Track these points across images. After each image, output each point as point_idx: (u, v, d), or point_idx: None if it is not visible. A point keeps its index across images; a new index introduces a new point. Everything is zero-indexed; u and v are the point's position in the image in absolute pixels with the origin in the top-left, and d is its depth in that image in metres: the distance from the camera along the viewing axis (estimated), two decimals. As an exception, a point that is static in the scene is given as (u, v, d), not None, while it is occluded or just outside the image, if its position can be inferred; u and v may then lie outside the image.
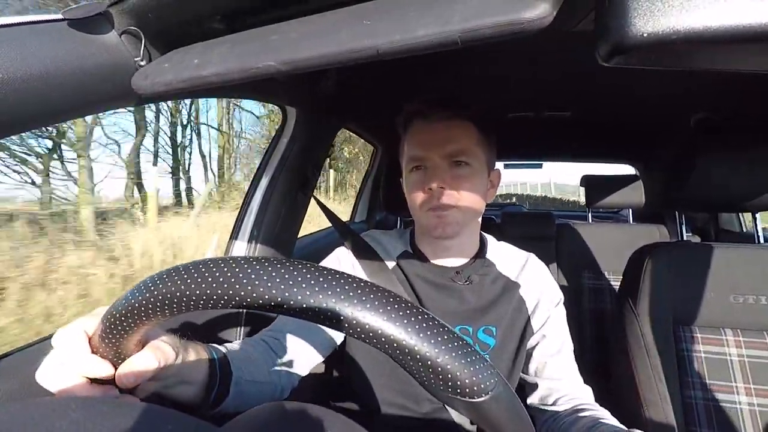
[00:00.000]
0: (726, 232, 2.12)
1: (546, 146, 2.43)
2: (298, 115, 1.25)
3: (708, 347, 1.00)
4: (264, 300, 0.30)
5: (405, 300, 0.32)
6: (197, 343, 0.59)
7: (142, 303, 0.33)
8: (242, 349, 0.70)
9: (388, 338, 0.30)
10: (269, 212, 1.25)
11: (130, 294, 0.34)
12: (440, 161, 0.81)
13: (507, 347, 0.85)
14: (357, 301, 0.30)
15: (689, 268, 1.05)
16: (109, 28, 0.60)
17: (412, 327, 0.30)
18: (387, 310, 0.30)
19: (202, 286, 0.31)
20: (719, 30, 0.29)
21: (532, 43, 0.91)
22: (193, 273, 0.32)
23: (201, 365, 0.57)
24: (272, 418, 0.35)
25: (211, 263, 0.32)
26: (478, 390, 0.31)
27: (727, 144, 0.99)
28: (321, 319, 0.30)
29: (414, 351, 0.30)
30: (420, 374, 0.31)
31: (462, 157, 0.81)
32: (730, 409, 0.96)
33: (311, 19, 0.55)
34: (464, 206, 0.82)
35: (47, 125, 0.57)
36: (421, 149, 0.83)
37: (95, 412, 0.25)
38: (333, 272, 0.32)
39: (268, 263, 0.32)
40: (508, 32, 0.41)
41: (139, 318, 0.34)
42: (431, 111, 0.83)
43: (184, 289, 0.31)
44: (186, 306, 0.32)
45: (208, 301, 0.31)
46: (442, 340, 0.30)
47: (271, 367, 0.73)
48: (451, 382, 0.30)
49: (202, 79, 0.57)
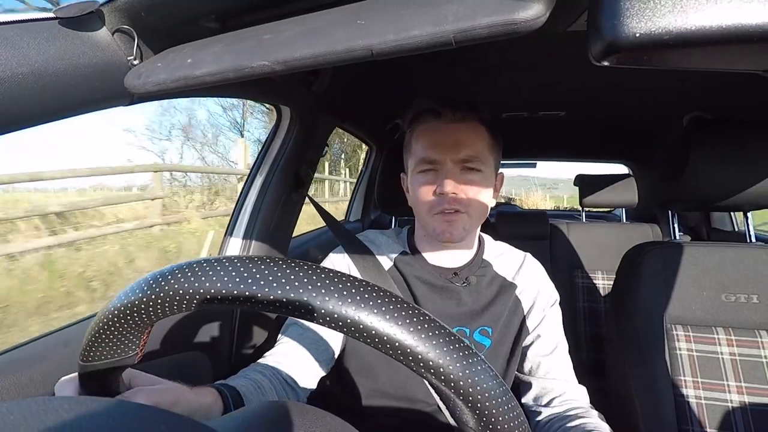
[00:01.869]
0: (718, 232, 2.14)
1: (540, 146, 2.44)
2: (293, 114, 1.25)
3: (700, 346, 1.01)
4: (269, 300, 0.30)
5: (414, 306, 0.31)
6: (206, 385, 0.59)
7: (136, 303, 0.32)
8: (251, 379, 0.68)
9: (397, 346, 0.29)
10: (263, 211, 1.25)
11: (122, 295, 0.34)
12: (453, 166, 0.80)
13: (502, 347, 0.85)
14: (364, 305, 0.30)
15: (682, 268, 1.06)
16: (101, 26, 0.59)
17: (426, 335, 0.30)
18: (395, 315, 0.30)
19: (195, 285, 0.31)
20: (711, 30, 0.29)
21: (526, 43, 0.91)
22: (187, 272, 0.31)
23: (216, 405, 0.56)
24: (267, 417, 0.35)
25: (205, 263, 0.32)
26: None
27: (720, 143, 1.00)
28: (326, 322, 0.30)
29: (420, 358, 0.30)
30: (420, 372, 0.31)
31: (475, 163, 0.80)
32: (722, 407, 0.96)
33: (305, 19, 0.55)
34: (473, 211, 0.81)
35: (39, 124, 0.56)
36: (434, 151, 0.81)
37: (87, 412, 0.24)
38: (337, 273, 0.32)
39: (271, 263, 0.32)
40: (502, 33, 0.42)
41: (138, 316, 0.33)
42: (443, 110, 0.81)
43: (188, 286, 0.31)
44: (183, 305, 0.31)
45: (202, 301, 0.31)
46: (444, 341, 0.30)
47: (280, 391, 0.72)
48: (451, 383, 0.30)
49: (196, 78, 0.57)
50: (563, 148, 2.48)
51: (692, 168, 1.01)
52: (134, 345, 0.36)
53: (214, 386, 0.60)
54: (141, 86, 0.60)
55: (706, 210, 2.05)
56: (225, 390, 0.59)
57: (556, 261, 1.95)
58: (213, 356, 1.07)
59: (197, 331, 1.04)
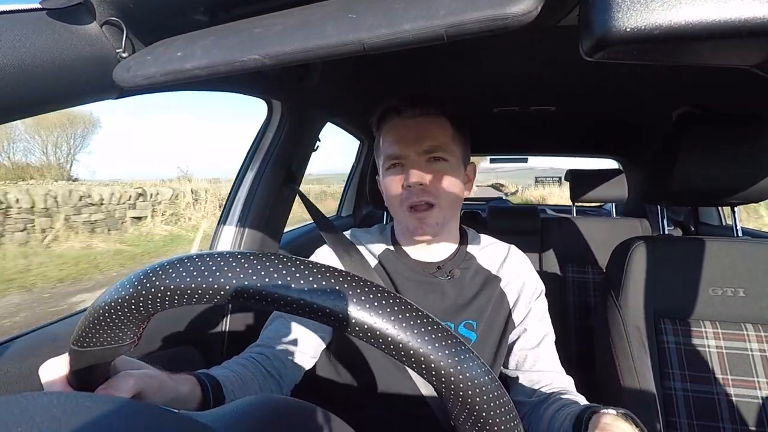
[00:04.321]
0: (706, 226, 2.17)
1: (531, 141, 2.45)
2: (284, 109, 1.24)
3: (688, 339, 1.02)
4: (261, 295, 0.30)
5: (407, 301, 0.31)
6: (186, 373, 0.58)
7: (126, 298, 0.32)
8: (232, 370, 0.68)
9: (386, 338, 0.30)
10: (255, 205, 1.24)
11: (112, 289, 0.33)
12: (417, 158, 0.81)
13: (488, 341, 0.85)
14: (356, 300, 0.30)
15: (670, 262, 1.07)
16: (89, 18, 0.58)
17: (418, 329, 0.30)
18: (388, 310, 0.30)
19: (187, 280, 0.30)
20: (700, 25, 0.29)
21: (517, 38, 0.92)
22: (179, 267, 0.31)
23: (194, 393, 0.56)
24: (256, 411, 0.35)
25: (197, 257, 0.32)
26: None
27: (709, 138, 1.01)
28: (318, 316, 0.30)
29: (409, 349, 0.30)
30: (413, 368, 0.31)
31: (439, 153, 0.81)
32: (708, 399, 0.98)
33: (296, 12, 0.55)
34: (443, 202, 0.82)
35: (26, 117, 0.55)
36: (397, 146, 0.83)
37: (77, 408, 0.24)
38: (325, 267, 0.32)
39: (269, 258, 0.31)
40: (494, 27, 0.42)
41: (129, 310, 0.33)
42: (404, 107, 0.83)
43: (179, 281, 0.31)
44: (174, 301, 0.31)
45: (192, 296, 0.31)
46: (437, 337, 0.30)
47: (262, 384, 0.72)
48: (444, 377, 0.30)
49: (186, 72, 0.56)
50: (554, 144, 2.50)
51: (681, 163, 1.02)
52: (132, 333, 0.36)
53: (195, 375, 0.60)
54: (130, 79, 0.59)
55: (695, 205, 2.07)
56: (205, 380, 0.59)
57: (546, 256, 1.96)
58: (205, 351, 1.06)
59: (189, 326, 1.03)
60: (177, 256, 0.32)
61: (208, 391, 0.58)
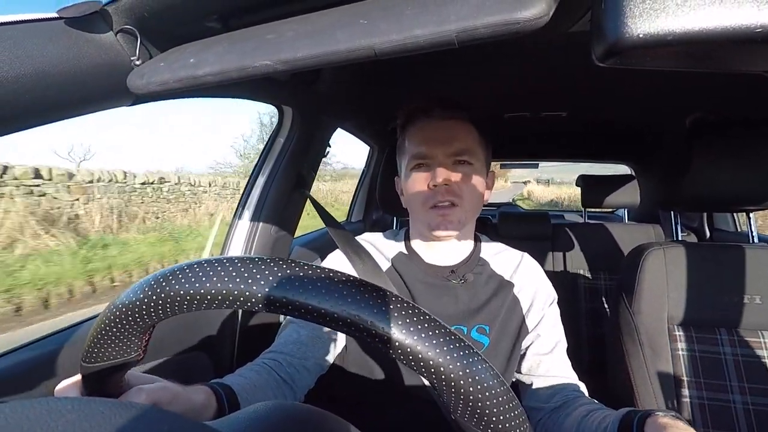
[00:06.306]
0: (720, 232, 2.13)
1: (542, 146, 2.43)
2: (294, 114, 1.25)
3: (703, 346, 1.01)
4: (269, 300, 0.30)
5: (415, 306, 0.31)
6: (200, 384, 0.59)
7: (141, 302, 0.32)
8: (246, 377, 0.69)
9: (398, 347, 0.30)
10: (266, 210, 1.25)
11: (124, 296, 0.34)
12: (444, 159, 0.82)
13: (501, 346, 0.85)
14: (365, 306, 0.30)
15: (684, 268, 1.05)
16: (104, 26, 0.59)
17: (426, 334, 0.30)
18: (396, 316, 0.30)
19: (207, 285, 0.31)
20: (714, 30, 0.29)
21: (528, 43, 0.91)
22: (197, 271, 0.31)
23: (209, 403, 0.56)
24: (268, 418, 0.35)
25: (206, 263, 0.32)
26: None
27: (722, 144, 1.00)
28: (327, 322, 0.30)
29: (421, 357, 0.30)
30: (430, 381, 0.31)
31: (465, 156, 0.82)
32: (724, 407, 0.96)
33: (308, 18, 0.55)
34: (466, 203, 0.82)
35: (42, 124, 0.56)
36: (425, 147, 0.83)
37: (92, 413, 0.25)
38: (338, 274, 0.32)
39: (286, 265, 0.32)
40: (505, 32, 0.42)
41: (140, 316, 0.33)
42: (433, 109, 0.84)
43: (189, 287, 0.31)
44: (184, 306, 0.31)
45: (202, 302, 0.31)
46: (452, 346, 0.30)
47: (276, 390, 0.72)
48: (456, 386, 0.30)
49: (198, 78, 0.57)
50: (565, 149, 2.48)
51: (695, 169, 1.00)
52: (136, 345, 0.36)
53: (209, 385, 0.60)
54: (144, 86, 0.60)
55: (709, 211, 2.04)
56: (219, 389, 0.59)
57: (558, 261, 1.94)
58: (215, 357, 1.07)
59: (199, 332, 1.04)
60: (185, 263, 0.33)
61: (223, 400, 0.58)
